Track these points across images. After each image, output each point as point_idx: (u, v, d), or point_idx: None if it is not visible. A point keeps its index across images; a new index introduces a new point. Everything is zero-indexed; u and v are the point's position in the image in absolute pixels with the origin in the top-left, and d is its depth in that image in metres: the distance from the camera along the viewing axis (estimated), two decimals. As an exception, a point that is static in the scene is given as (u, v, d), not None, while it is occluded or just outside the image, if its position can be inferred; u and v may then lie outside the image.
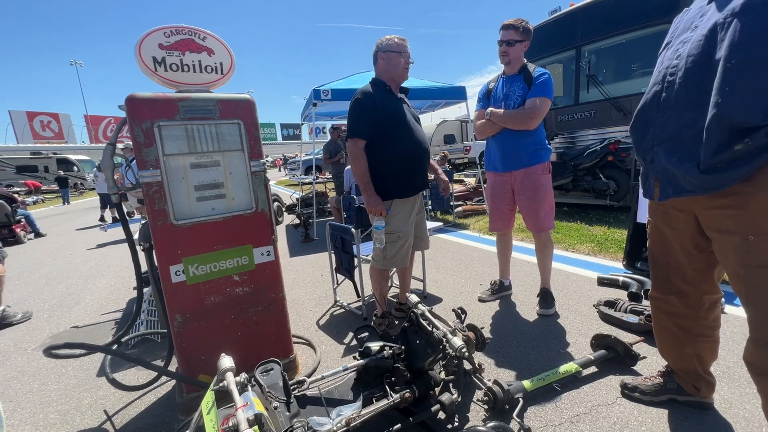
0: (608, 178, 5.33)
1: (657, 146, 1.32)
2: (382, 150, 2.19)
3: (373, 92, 2.18)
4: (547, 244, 2.62)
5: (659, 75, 1.32)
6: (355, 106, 2.17)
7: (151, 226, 1.69)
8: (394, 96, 2.27)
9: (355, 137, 2.17)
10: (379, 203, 2.18)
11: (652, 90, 1.34)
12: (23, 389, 2.21)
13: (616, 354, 1.95)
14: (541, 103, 2.36)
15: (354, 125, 2.17)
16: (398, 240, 2.29)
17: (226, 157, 1.83)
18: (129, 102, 1.60)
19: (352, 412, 1.44)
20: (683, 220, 1.37)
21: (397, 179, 2.24)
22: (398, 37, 2.23)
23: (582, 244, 4.11)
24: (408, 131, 2.24)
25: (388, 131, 2.18)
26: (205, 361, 1.82)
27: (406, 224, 2.31)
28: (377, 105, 2.14)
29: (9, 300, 3.81)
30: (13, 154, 23.28)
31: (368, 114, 2.14)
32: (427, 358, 1.62)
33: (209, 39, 1.86)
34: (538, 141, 2.46)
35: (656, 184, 1.38)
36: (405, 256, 2.36)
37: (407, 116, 2.26)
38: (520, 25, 2.39)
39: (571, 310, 2.63)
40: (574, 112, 5.90)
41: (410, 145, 2.25)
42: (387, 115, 2.18)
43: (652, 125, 1.34)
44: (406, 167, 2.26)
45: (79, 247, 6.25)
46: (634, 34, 5.15)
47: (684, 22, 1.31)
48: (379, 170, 2.20)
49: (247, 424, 1.10)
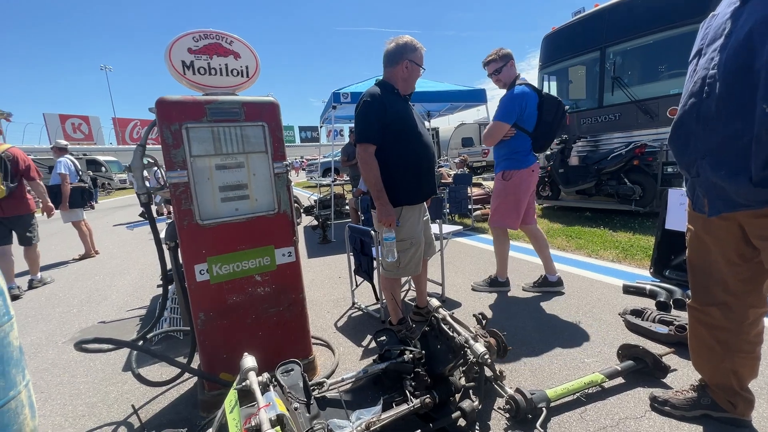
0: (633, 182, 5.17)
1: (701, 159, 1.27)
2: (392, 155, 2.10)
3: (381, 95, 2.09)
4: (499, 238, 3.11)
5: (695, 86, 1.27)
6: (365, 109, 2.07)
7: (178, 225, 1.73)
8: (402, 99, 2.21)
9: (365, 142, 2.06)
10: (391, 213, 2.09)
11: (688, 102, 1.29)
12: (54, 381, 2.29)
13: (644, 365, 1.88)
14: (490, 127, 2.83)
15: (364, 130, 2.06)
16: (411, 247, 2.24)
17: (250, 159, 1.85)
18: (159, 104, 1.64)
19: (372, 416, 1.43)
20: (726, 228, 1.31)
21: (407, 186, 2.17)
22: (421, 48, 2.17)
23: (606, 251, 3.99)
24: (417, 135, 2.18)
25: (399, 136, 2.11)
26: (226, 359, 1.84)
27: (417, 230, 2.25)
28: (387, 108, 2.06)
29: (44, 290, 4.00)
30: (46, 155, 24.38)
31: (379, 118, 2.05)
32: (447, 364, 1.60)
33: (236, 43, 1.90)
34: (501, 154, 2.92)
35: (705, 199, 1.32)
36: (418, 264, 2.30)
37: (416, 120, 2.21)
38: (497, 54, 2.80)
39: (596, 318, 2.56)
40: (597, 114, 5.76)
41: (420, 150, 2.18)
42: (397, 119, 2.09)
43: (693, 138, 1.29)
44: (416, 173, 2.19)
45: (106, 245, 6.47)
46: (661, 35, 4.99)
47: (713, 29, 1.25)
48: (389, 177, 2.10)
49: (269, 425, 1.11)
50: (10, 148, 3.96)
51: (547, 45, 6.50)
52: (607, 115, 5.61)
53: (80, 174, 5.42)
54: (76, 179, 5.30)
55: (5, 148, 3.92)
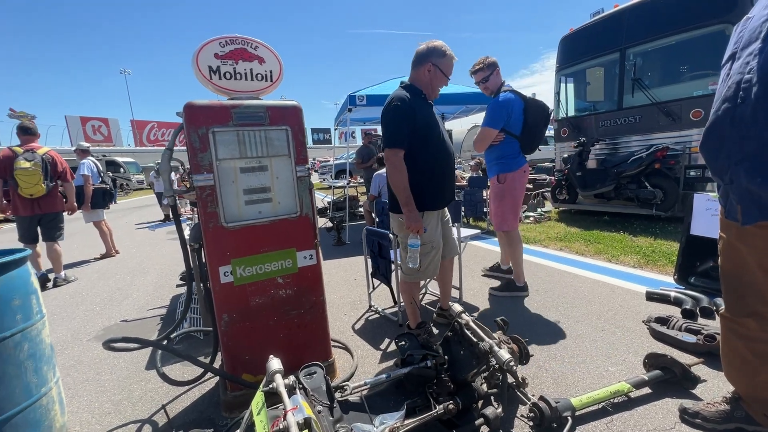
0: (654, 186, 5.05)
1: (735, 165, 1.23)
2: (418, 161, 2.10)
3: (410, 99, 2.06)
4: (510, 241, 3.07)
5: (729, 90, 1.23)
6: (395, 113, 2.04)
7: (203, 227, 1.76)
8: (428, 104, 2.20)
9: (395, 147, 2.04)
10: (419, 220, 2.07)
11: (722, 107, 1.26)
12: (80, 378, 2.35)
13: (672, 375, 1.83)
14: (480, 133, 2.93)
15: (394, 134, 2.05)
16: (431, 250, 2.23)
17: (274, 162, 1.88)
18: (187, 109, 1.67)
19: (395, 421, 1.43)
20: (763, 237, 1.27)
21: (431, 191, 2.17)
22: (452, 57, 2.14)
23: (626, 256, 3.91)
24: (441, 141, 2.18)
25: (424, 141, 2.10)
26: (249, 360, 1.86)
27: (437, 233, 2.26)
28: (415, 113, 2.04)
29: (68, 288, 4.11)
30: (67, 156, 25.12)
31: (408, 122, 2.04)
32: (471, 370, 1.58)
33: (260, 48, 1.93)
34: (492, 158, 3.03)
35: (739, 206, 1.29)
36: (437, 267, 2.31)
37: (439, 125, 2.20)
38: (484, 63, 2.91)
39: (618, 326, 2.50)
40: (616, 117, 5.65)
41: (443, 156, 2.19)
42: (424, 125, 2.08)
43: (726, 143, 1.25)
44: (439, 178, 2.19)
45: (126, 245, 6.62)
46: (685, 35, 4.87)
47: (748, 31, 1.21)
48: (415, 182, 2.08)
49: (297, 428, 1.11)
50: (48, 150, 4.24)
51: (565, 46, 6.41)
52: (627, 118, 5.50)
53: (102, 175, 5.56)
54: (98, 180, 5.44)
55: (45, 150, 4.18)
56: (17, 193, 3.99)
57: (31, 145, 4.08)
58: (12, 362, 1.53)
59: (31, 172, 3.94)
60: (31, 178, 3.95)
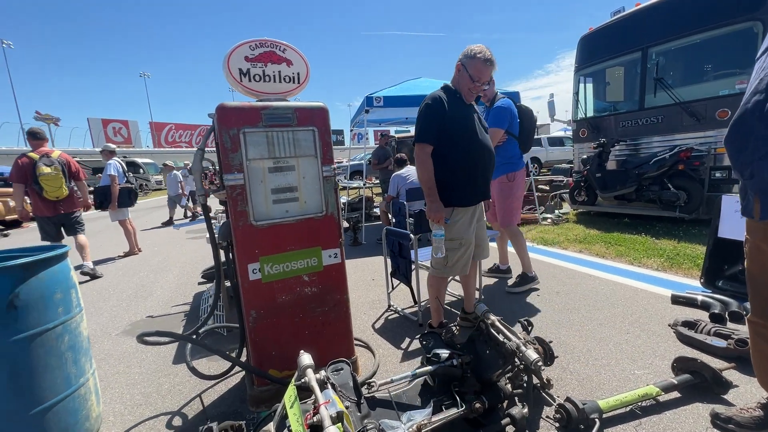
0: (678, 188, 4.93)
1: (759, 160, 1.21)
2: (446, 156, 2.17)
3: (442, 98, 2.16)
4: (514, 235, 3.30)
5: (761, 84, 1.21)
6: (425, 111, 2.17)
7: (233, 225, 1.80)
8: (464, 103, 2.25)
9: (422, 142, 2.17)
10: (440, 210, 2.16)
11: (752, 99, 1.23)
12: (111, 371, 2.43)
13: (702, 380, 1.79)
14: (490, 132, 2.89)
15: (422, 130, 2.17)
16: (460, 247, 2.27)
17: (301, 162, 1.91)
18: (219, 110, 1.72)
19: (423, 418, 1.44)
20: None
21: (459, 187, 2.22)
22: (483, 62, 2.11)
23: (649, 259, 3.83)
24: (474, 140, 2.21)
25: (454, 138, 2.17)
26: (275, 356, 1.90)
27: (468, 231, 2.28)
28: (446, 111, 2.13)
29: (94, 284, 4.25)
30: (89, 157, 25.83)
31: (437, 120, 2.14)
32: (497, 370, 1.58)
33: (288, 51, 1.97)
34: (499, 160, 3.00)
35: (756, 201, 1.26)
36: (466, 264, 2.33)
37: (475, 124, 2.23)
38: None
39: (643, 329, 2.46)
40: (638, 117, 5.55)
41: (475, 154, 2.22)
42: (454, 123, 2.16)
43: (753, 137, 1.23)
44: (469, 175, 2.23)
45: (148, 243, 6.79)
46: (711, 33, 4.75)
47: None
48: (442, 176, 2.19)
49: (330, 421, 1.14)
50: (61, 153, 4.40)
51: (584, 46, 6.31)
52: (649, 118, 5.39)
53: (126, 175, 5.73)
54: (123, 180, 5.61)
55: (57, 153, 4.31)
56: (41, 197, 4.16)
57: (44, 150, 4.24)
58: (54, 353, 1.60)
59: (54, 177, 4.14)
60: (55, 182, 4.15)
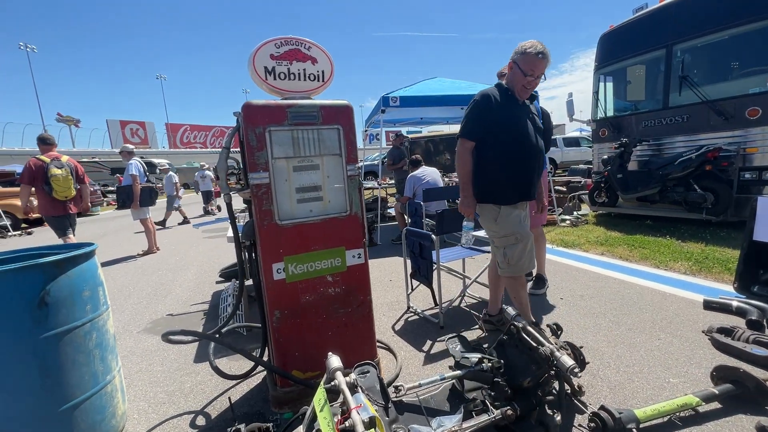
0: (705, 189, 4.76)
1: None
2: (489, 152, 2.16)
3: (492, 95, 2.14)
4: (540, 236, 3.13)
5: None
6: (472, 108, 2.18)
7: (258, 225, 1.79)
8: (515, 102, 2.17)
9: (463, 137, 2.18)
10: (470, 205, 2.20)
11: None
12: (134, 368, 2.45)
13: (744, 390, 1.70)
14: None
15: (465, 125, 2.19)
16: (517, 242, 2.18)
17: (325, 161, 1.89)
18: (245, 108, 1.71)
19: (454, 424, 1.40)
20: None
21: (499, 184, 2.18)
22: (535, 54, 2.01)
23: (676, 262, 3.70)
24: (520, 139, 2.14)
25: (498, 137, 2.12)
26: (298, 357, 1.88)
27: (521, 226, 2.21)
28: (492, 109, 2.11)
29: (115, 282, 4.31)
30: (108, 158, 26.43)
31: (482, 116, 2.13)
32: (529, 375, 1.53)
33: (313, 48, 1.95)
34: None
35: None
36: (530, 260, 2.24)
37: (524, 124, 2.15)
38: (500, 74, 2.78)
39: (675, 335, 2.36)
40: (661, 116, 5.39)
41: (519, 153, 2.15)
42: (500, 121, 2.12)
43: None
44: (510, 174, 2.17)
45: (165, 242, 6.89)
46: (741, 29, 4.58)
47: None
48: (483, 173, 2.19)
49: (363, 427, 1.10)
50: (69, 158, 4.59)
51: (605, 44, 6.17)
52: (674, 117, 5.23)
53: (147, 175, 5.82)
54: (144, 180, 5.70)
55: (66, 158, 4.55)
56: (51, 197, 4.34)
57: (53, 154, 4.44)
58: (82, 350, 1.61)
59: (65, 178, 4.35)
60: (66, 183, 4.36)
